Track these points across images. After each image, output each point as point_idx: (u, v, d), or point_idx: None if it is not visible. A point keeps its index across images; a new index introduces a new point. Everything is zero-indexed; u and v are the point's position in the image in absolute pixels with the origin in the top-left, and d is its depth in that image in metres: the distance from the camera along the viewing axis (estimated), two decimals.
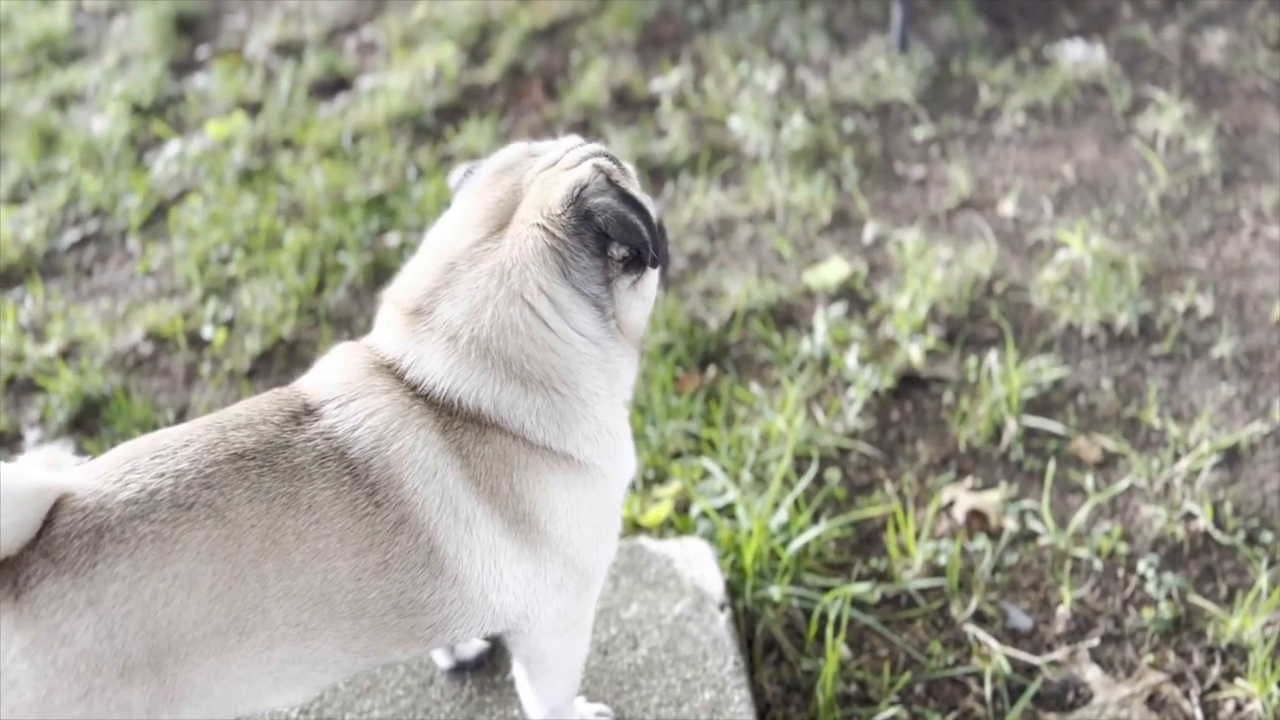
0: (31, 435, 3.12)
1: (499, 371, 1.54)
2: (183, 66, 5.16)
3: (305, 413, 1.51)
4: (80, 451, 3.02)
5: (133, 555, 1.33)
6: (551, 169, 1.62)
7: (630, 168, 1.69)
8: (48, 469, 1.39)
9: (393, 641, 1.56)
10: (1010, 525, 2.64)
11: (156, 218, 4.08)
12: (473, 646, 2.11)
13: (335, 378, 1.56)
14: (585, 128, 4.38)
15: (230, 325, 3.46)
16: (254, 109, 4.71)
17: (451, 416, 1.53)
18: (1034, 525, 2.64)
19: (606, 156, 1.65)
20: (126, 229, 4.02)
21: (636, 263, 1.58)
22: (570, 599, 1.69)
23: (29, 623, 1.29)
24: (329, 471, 1.46)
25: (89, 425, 3.13)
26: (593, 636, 2.18)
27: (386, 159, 4.21)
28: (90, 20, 5.71)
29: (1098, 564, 2.53)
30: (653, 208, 1.62)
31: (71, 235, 4.02)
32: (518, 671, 1.90)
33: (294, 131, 4.48)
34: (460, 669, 2.11)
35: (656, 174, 4.05)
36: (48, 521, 1.34)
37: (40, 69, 5.20)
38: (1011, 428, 2.85)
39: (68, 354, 3.42)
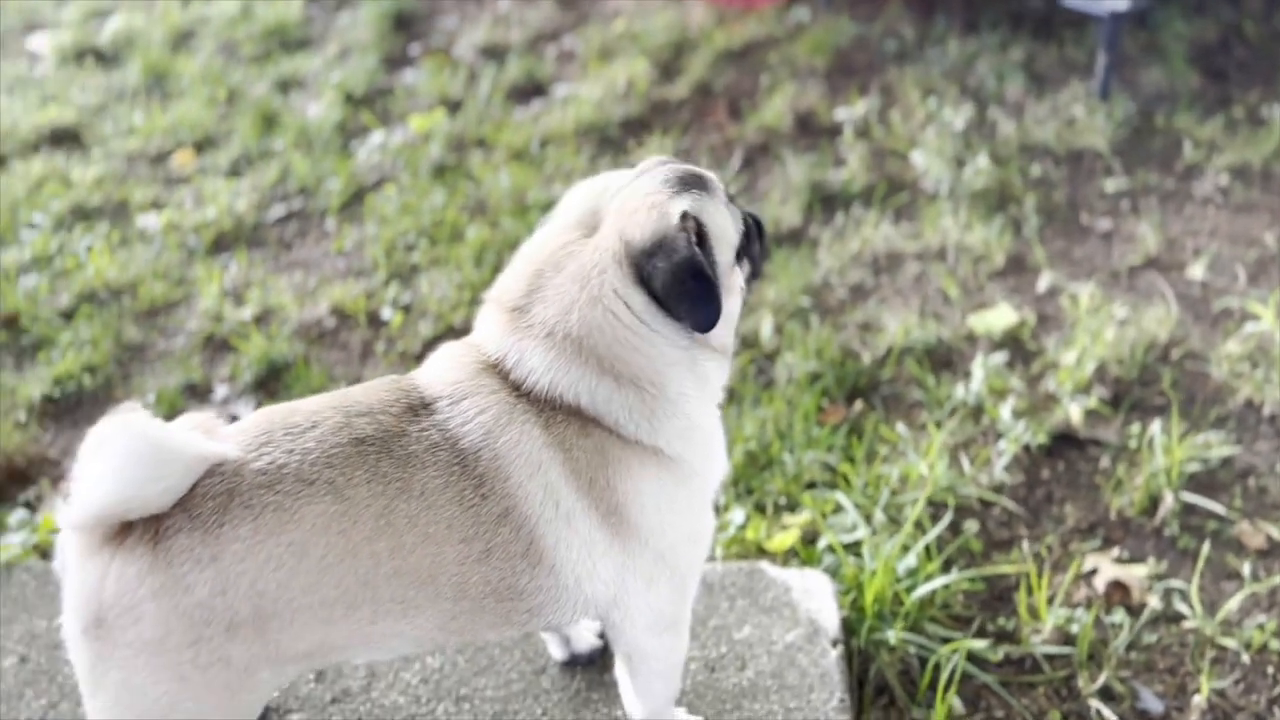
0: (220, 390, 3.40)
1: (593, 367, 1.62)
2: (395, 61, 5.49)
3: (421, 406, 1.62)
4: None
5: (255, 520, 1.46)
6: (641, 181, 1.69)
7: (716, 183, 1.75)
8: (204, 434, 1.54)
9: (488, 624, 1.66)
10: (1154, 603, 2.52)
11: (354, 201, 4.36)
12: (586, 642, 2.19)
13: (448, 376, 1.66)
14: (765, 150, 4.42)
15: (407, 309, 3.67)
16: (454, 107, 4.97)
17: (554, 411, 1.62)
18: (1180, 606, 2.51)
19: (694, 180, 1.71)
20: (326, 209, 4.31)
21: None
22: (664, 596, 1.75)
23: (162, 569, 1.44)
24: (440, 460, 1.56)
25: (271, 387, 3.38)
26: (703, 652, 2.22)
27: (570, 166, 4.37)
28: (320, 10, 6.14)
29: (1245, 657, 2.39)
30: (732, 234, 1.72)
31: (278, 210, 4.34)
32: (619, 671, 1.96)
33: (488, 132, 4.70)
34: (573, 662, 2.19)
35: (829, 202, 4.05)
36: None
37: (270, 54, 5.63)
38: (1169, 502, 2.72)
39: (260, 319, 3.70)
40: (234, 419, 3.21)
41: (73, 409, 3.37)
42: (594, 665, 2.18)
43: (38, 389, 3.39)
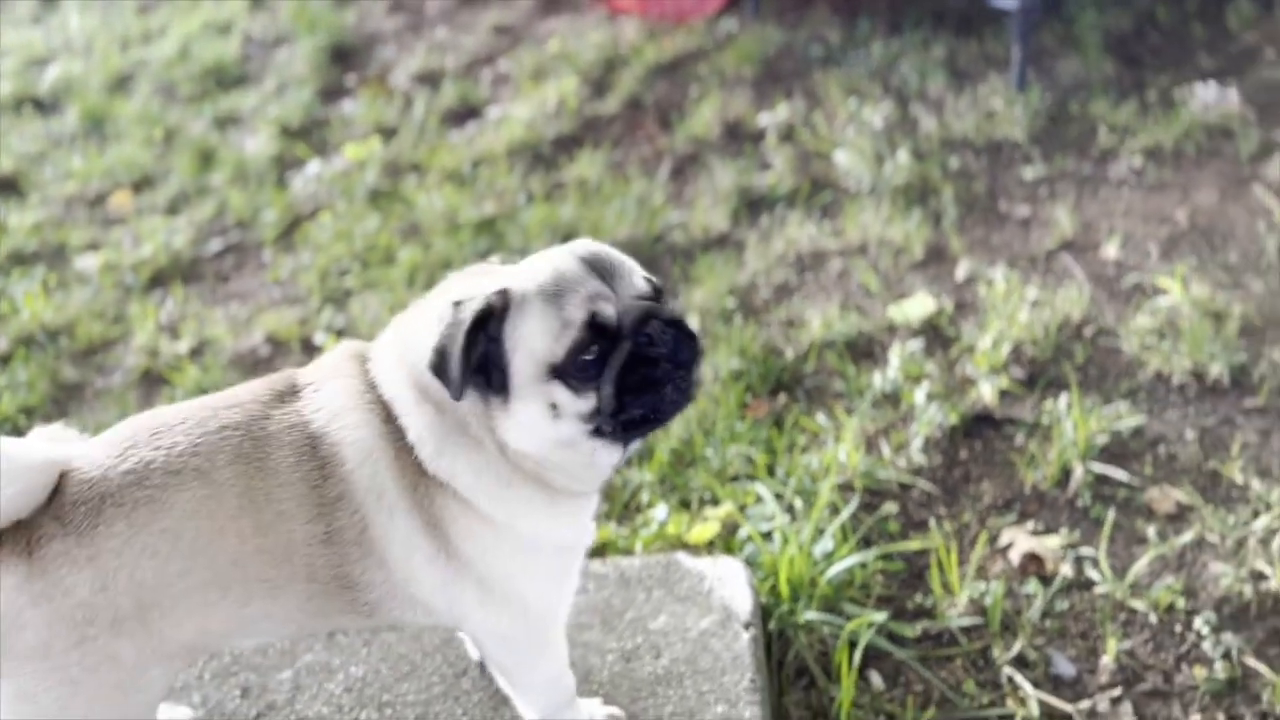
0: None
1: (416, 393, 1.67)
2: (332, 93, 5.55)
3: (290, 392, 1.70)
4: None
5: (129, 516, 1.53)
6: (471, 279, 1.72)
7: (551, 294, 1.61)
8: (51, 443, 1.60)
9: (339, 610, 1.71)
10: (1066, 571, 2.58)
11: (290, 232, 4.41)
12: None
13: (322, 364, 1.75)
14: (694, 159, 4.50)
15: (340, 333, 3.72)
16: (390, 134, 5.03)
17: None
18: (1091, 573, 2.58)
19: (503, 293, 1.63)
20: (263, 241, 4.36)
21: (489, 386, 1.61)
22: (503, 623, 1.77)
23: (38, 576, 1.50)
24: (293, 440, 1.63)
25: None
26: (619, 644, 2.26)
27: (502, 185, 4.43)
28: (258, 48, 6.21)
29: (1153, 617, 2.46)
30: (539, 345, 1.58)
31: (215, 245, 4.39)
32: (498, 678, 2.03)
33: (423, 156, 4.76)
34: None
35: (755, 206, 4.13)
36: (58, 490, 1.54)
37: (208, 93, 5.68)
38: (1079, 473, 2.79)
39: (196, 352, 3.74)
40: None
41: None
42: None
43: None
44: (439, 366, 1.57)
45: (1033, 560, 2.64)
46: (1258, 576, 2.50)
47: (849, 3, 5.51)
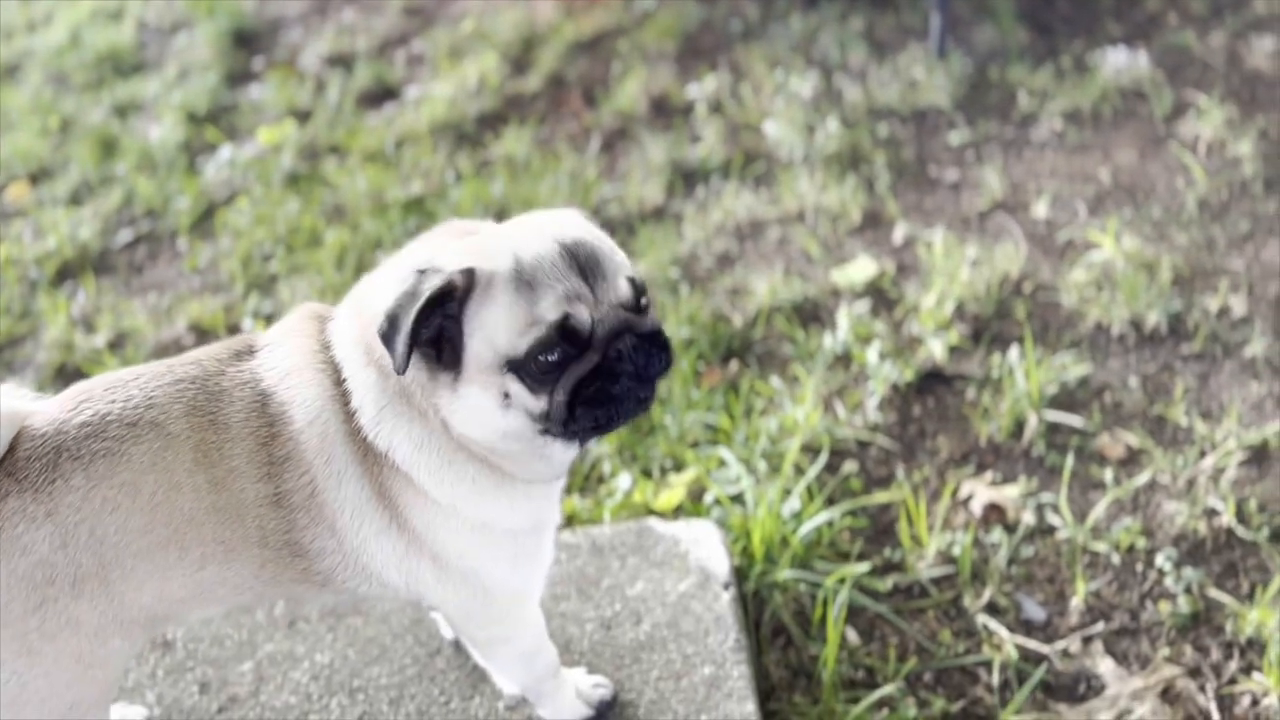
0: None
1: (364, 354, 1.60)
2: (238, 78, 5.34)
3: (248, 352, 1.64)
4: None
5: (87, 469, 1.46)
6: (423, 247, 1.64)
7: (526, 278, 1.50)
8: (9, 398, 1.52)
9: (292, 579, 1.65)
10: (1028, 519, 2.61)
11: (206, 219, 4.22)
12: None
13: (282, 325, 1.69)
14: (622, 134, 4.45)
15: (269, 319, 3.57)
16: (304, 117, 4.85)
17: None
18: (1052, 519, 2.61)
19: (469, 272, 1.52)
20: (176, 229, 4.16)
21: (439, 361, 1.53)
22: (462, 598, 1.71)
23: None
24: (245, 396, 1.57)
25: None
26: (598, 613, 2.20)
27: (427, 164, 4.31)
28: (154, 35, 5.94)
29: (1115, 558, 2.50)
30: (501, 335, 1.49)
31: (125, 235, 4.17)
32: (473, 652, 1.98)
33: (341, 138, 4.61)
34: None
35: (689, 178, 4.10)
36: (11, 448, 1.46)
37: (104, 81, 5.41)
38: (1033, 423, 2.83)
39: (115, 344, 3.55)
40: None
41: None
42: None
43: None
44: (387, 335, 1.48)
45: (994, 510, 2.66)
46: (1210, 513, 2.56)
47: None
